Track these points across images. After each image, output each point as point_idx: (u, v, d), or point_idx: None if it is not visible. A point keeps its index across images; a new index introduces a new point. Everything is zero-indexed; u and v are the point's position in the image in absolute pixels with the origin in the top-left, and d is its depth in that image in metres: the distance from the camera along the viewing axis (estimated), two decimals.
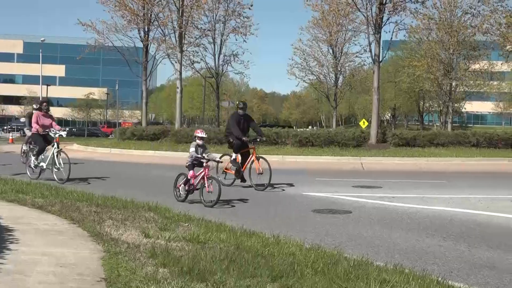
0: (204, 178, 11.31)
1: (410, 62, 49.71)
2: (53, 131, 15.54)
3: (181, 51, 38.86)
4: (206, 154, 11.61)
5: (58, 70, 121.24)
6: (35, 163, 15.66)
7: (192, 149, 11.65)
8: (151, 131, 36.87)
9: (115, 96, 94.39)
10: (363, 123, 44.10)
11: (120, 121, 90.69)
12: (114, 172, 19.06)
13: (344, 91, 56.18)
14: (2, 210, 9.14)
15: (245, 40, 42.64)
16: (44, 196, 10.98)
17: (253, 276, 5.48)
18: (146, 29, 40.59)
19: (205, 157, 11.49)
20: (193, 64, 42.98)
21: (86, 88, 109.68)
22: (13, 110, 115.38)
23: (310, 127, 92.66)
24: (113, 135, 51.07)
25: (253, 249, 6.67)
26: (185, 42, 39.61)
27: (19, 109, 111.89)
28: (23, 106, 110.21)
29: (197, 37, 41.13)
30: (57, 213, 9.18)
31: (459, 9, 43.69)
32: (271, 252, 6.56)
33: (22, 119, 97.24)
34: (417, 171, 21.38)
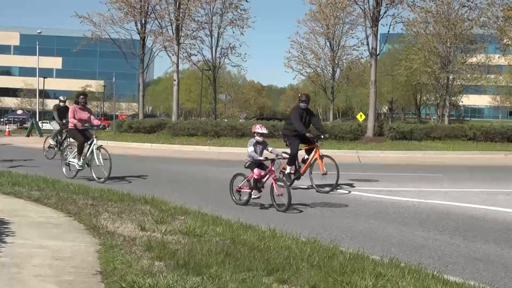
0: (271, 180, 10.15)
1: (407, 55, 49.73)
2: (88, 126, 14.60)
3: (178, 44, 38.80)
4: (270, 151, 10.51)
5: (55, 62, 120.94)
6: (73, 161, 14.55)
7: (251, 148, 10.35)
8: (148, 124, 36.87)
9: (112, 89, 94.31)
10: (360, 116, 44.08)
11: (117, 114, 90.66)
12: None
13: (341, 84, 56.20)
14: None
15: (242, 33, 42.63)
16: (41, 189, 10.96)
17: (249, 270, 5.48)
18: (143, 22, 40.52)
19: (267, 158, 10.29)
20: (190, 57, 42.95)
21: (83, 81, 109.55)
22: (10, 102, 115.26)
23: None
24: (110, 127, 51.02)
25: (249, 243, 6.68)
26: (182, 35, 39.56)
27: (16, 101, 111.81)
28: (20, 98, 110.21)
29: (194, 30, 41.07)
30: (54, 206, 9.17)
31: (456, 2, 43.62)
32: (267, 246, 6.57)
33: (19, 111, 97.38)
34: (414, 165, 21.40)
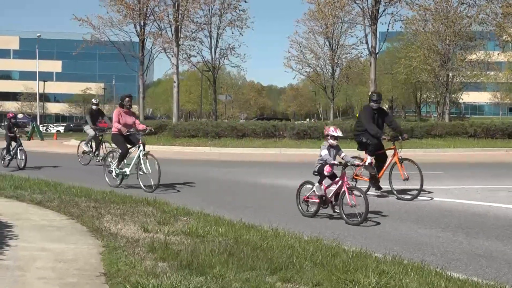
0: (344, 188, 9.01)
1: (407, 54, 49.70)
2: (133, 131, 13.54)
3: (178, 45, 38.83)
4: (341, 156, 9.52)
5: (55, 66, 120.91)
6: (117, 170, 13.40)
7: (325, 152, 9.33)
8: (148, 126, 36.82)
9: (112, 91, 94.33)
10: None
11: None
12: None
13: (341, 83, 56.14)
14: (1, 206, 9.16)
15: (242, 33, 42.72)
16: (43, 192, 10.97)
17: (252, 269, 5.49)
18: (142, 24, 40.55)
19: (342, 163, 9.27)
20: (190, 58, 43.03)
21: (83, 83, 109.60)
22: (10, 107, 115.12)
23: (308, 120, 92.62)
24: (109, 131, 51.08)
25: (252, 242, 6.68)
26: (181, 36, 39.61)
27: (16, 105, 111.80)
28: (20, 102, 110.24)
29: (193, 31, 41.15)
30: (56, 209, 9.19)
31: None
32: (270, 245, 6.57)
33: (20, 115, 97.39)
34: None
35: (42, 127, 51.33)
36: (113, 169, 13.50)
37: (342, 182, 9.11)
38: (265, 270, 5.46)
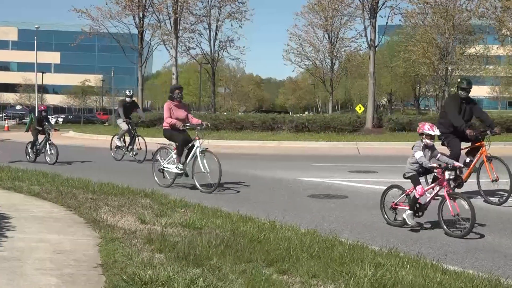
0: (444, 194, 7.72)
1: (406, 47, 49.65)
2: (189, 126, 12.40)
3: (177, 37, 38.78)
4: (437, 158, 8.29)
5: (53, 57, 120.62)
6: (169, 167, 12.17)
7: (419, 154, 8.00)
8: (148, 118, 36.85)
9: (111, 83, 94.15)
10: (359, 108, 44.07)
11: (116, 108, 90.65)
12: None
13: (340, 76, 56.18)
14: None
15: (241, 26, 42.71)
16: (41, 184, 10.99)
17: (249, 261, 5.51)
18: (141, 15, 40.50)
19: (441, 166, 7.91)
20: (189, 50, 42.98)
21: (82, 75, 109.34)
22: (9, 98, 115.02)
23: (307, 113, 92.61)
24: (108, 122, 51.01)
25: (249, 234, 6.70)
26: (180, 28, 39.55)
27: (15, 97, 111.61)
28: (19, 94, 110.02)
29: (193, 23, 41.07)
30: (54, 200, 9.20)
31: None
32: (267, 237, 6.59)
33: (18, 107, 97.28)
34: None
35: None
36: (164, 167, 12.24)
37: (442, 187, 7.87)
38: (262, 262, 5.48)
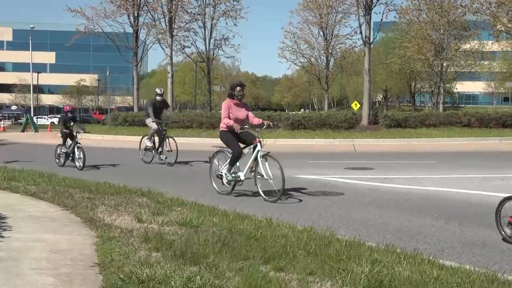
0: None
1: (401, 43, 49.76)
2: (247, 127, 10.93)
3: (172, 36, 38.75)
4: None
5: (49, 57, 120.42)
6: (228, 174, 10.87)
7: None
8: (143, 117, 36.83)
9: (106, 82, 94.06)
10: (355, 105, 44.10)
11: (112, 107, 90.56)
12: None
13: (336, 73, 56.25)
14: None
15: (236, 24, 42.72)
16: (37, 183, 10.97)
17: (246, 259, 5.50)
18: (136, 14, 40.46)
19: None
20: (184, 49, 42.99)
21: (77, 75, 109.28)
22: (4, 98, 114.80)
23: (302, 110, 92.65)
24: (104, 121, 50.97)
25: (246, 232, 6.69)
26: (175, 27, 39.52)
27: (10, 97, 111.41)
28: (14, 94, 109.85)
29: (187, 22, 41.06)
30: (50, 200, 9.18)
31: None
32: (264, 235, 6.59)
33: (14, 107, 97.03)
34: (409, 152, 21.45)
35: (36, 119, 51.12)
36: (223, 174, 11.00)
37: None
38: (259, 259, 5.48)
